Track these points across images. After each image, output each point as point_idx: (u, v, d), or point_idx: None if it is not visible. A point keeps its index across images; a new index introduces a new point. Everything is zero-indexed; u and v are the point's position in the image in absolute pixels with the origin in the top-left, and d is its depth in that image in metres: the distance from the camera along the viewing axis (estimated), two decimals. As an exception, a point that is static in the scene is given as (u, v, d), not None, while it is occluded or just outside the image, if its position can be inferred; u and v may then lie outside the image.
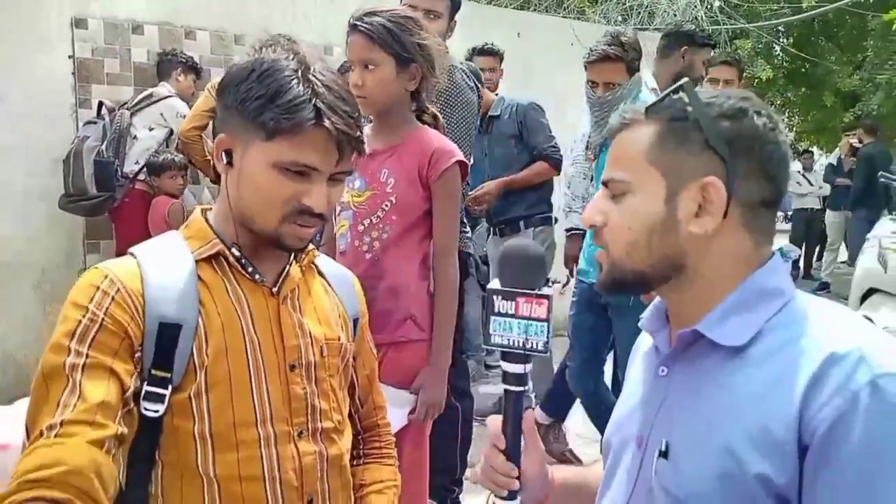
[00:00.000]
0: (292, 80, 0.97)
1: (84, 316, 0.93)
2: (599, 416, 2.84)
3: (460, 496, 2.69)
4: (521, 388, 0.93)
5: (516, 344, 0.90)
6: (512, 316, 0.90)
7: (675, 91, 0.85)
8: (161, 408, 0.95)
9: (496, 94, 3.75)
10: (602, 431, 2.89)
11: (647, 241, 0.84)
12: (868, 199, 6.52)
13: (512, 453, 0.94)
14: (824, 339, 0.76)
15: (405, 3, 2.44)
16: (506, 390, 0.93)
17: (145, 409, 0.94)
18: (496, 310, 0.90)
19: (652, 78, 2.95)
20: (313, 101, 0.96)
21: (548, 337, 0.90)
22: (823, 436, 0.72)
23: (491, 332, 0.90)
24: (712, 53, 3.09)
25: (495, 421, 0.95)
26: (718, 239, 0.83)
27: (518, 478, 0.94)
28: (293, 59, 0.99)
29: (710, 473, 0.78)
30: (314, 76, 0.98)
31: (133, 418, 0.94)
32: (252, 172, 0.99)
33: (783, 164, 0.85)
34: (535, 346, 0.90)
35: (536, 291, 0.89)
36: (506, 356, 0.91)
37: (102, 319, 0.93)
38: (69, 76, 3.72)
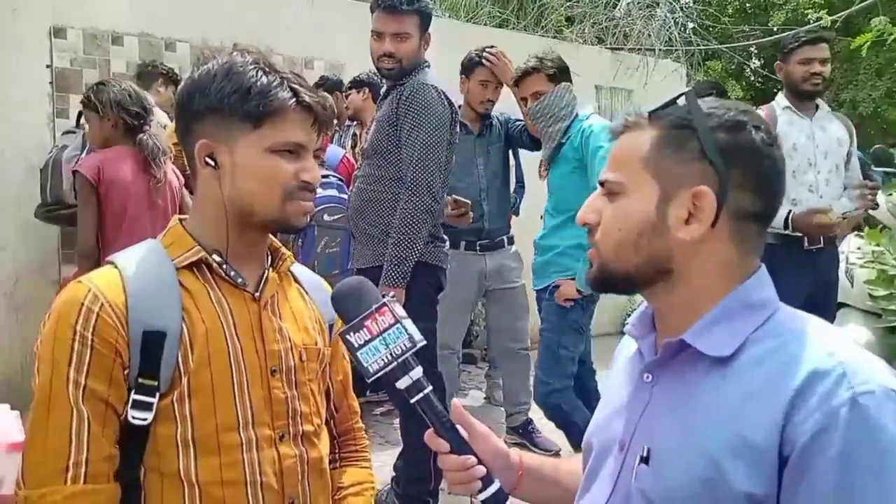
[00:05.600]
0: (258, 71, 1.03)
1: (74, 340, 0.95)
2: (568, 425, 2.88)
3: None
4: (424, 392, 0.95)
5: (389, 359, 0.94)
6: (370, 340, 0.94)
7: (679, 98, 0.87)
8: (149, 416, 0.97)
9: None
10: (570, 437, 2.90)
11: (636, 242, 0.86)
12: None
13: (458, 449, 0.96)
14: (807, 354, 0.78)
15: (372, 28, 2.50)
16: (414, 403, 0.95)
17: (133, 417, 0.96)
18: (356, 345, 0.94)
19: (780, 97, 3.15)
20: (285, 83, 1.03)
21: (409, 332, 0.94)
22: (803, 449, 0.74)
23: (366, 365, 0.94)
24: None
25: (429, 434, 0.97)
26: (705, 247, 0.85)
27: (481, 462, 0.95)
28: (248, 56, 1.04)
29: (691, 481, 0.79)
30: (273, 66, 1.05)
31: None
32: (249, 163, 1.03)
33: (778, 180, 0.86)
34: (403, 349, 0.94)
35: (374, 307, 0.95)
36: (394, 375, 0.94)
37: (92, 342, 0.95)
38: (46, 85, 3.70)
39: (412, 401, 0.96)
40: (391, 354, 0.94)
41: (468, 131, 3.39)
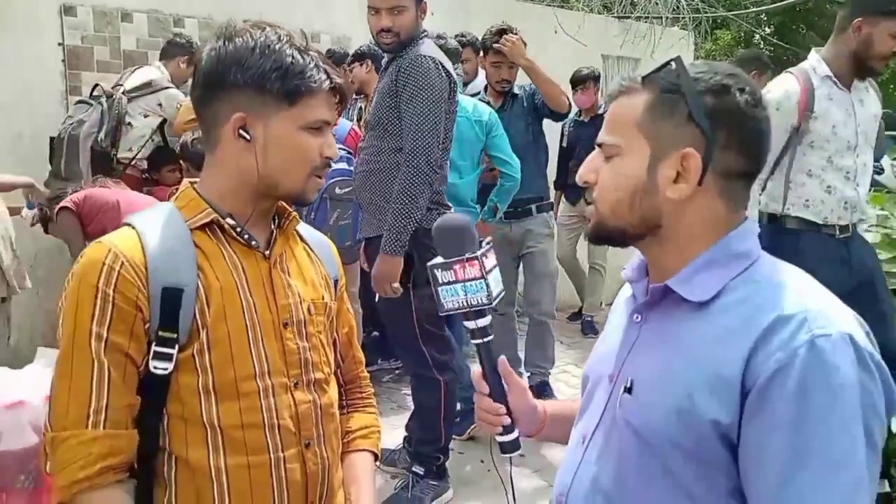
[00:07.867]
0: (293, 51, 1.08)
1: (96, 296, 1.01)
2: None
3: (446, 463, 2.80)
4: (485, 339, 1.07)
5: (464, 304, 1.04)
6: (454, 282, 1.04)
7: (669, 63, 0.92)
8: (169, 366, 1.04)
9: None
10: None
11: (630, 201, 0.93)
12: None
13: (496, 395, 1.07)
14: (776, 299, 0.86)
15: (368, 4, 2.56)
16: (475, 344, 1.07)
17: (155, 367, 1.03)
18: (440, 281, 1.04)
19: (817, 61, 2.52)
20: (319, 65, 1.09)
21: (489, 291, 1.03)
22: (763, 383, 0.82)
23: (442, 301, 1.05)
24: None
25: (476, 370, 1.09)
26: (693, 204, 0.92)
27: (509, 414, 1.07)
28: (282, 34, 1.10)
29: (667, 409, 0.88)
30: (307, 46, 1.11)
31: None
32: (283, 139, 1.09)
33: (762, 140, 0.93)
34: (479, 301, 1.03)
35: (466, 256, 1.03)
36: (466, 316, 1.05)
37: (114, 298, 1.02)
38: (59, 63, 3.76)
39: (473, 342, 1.07)
40: (467, 302, 1.04)
41: (489, 106, 3.47)
